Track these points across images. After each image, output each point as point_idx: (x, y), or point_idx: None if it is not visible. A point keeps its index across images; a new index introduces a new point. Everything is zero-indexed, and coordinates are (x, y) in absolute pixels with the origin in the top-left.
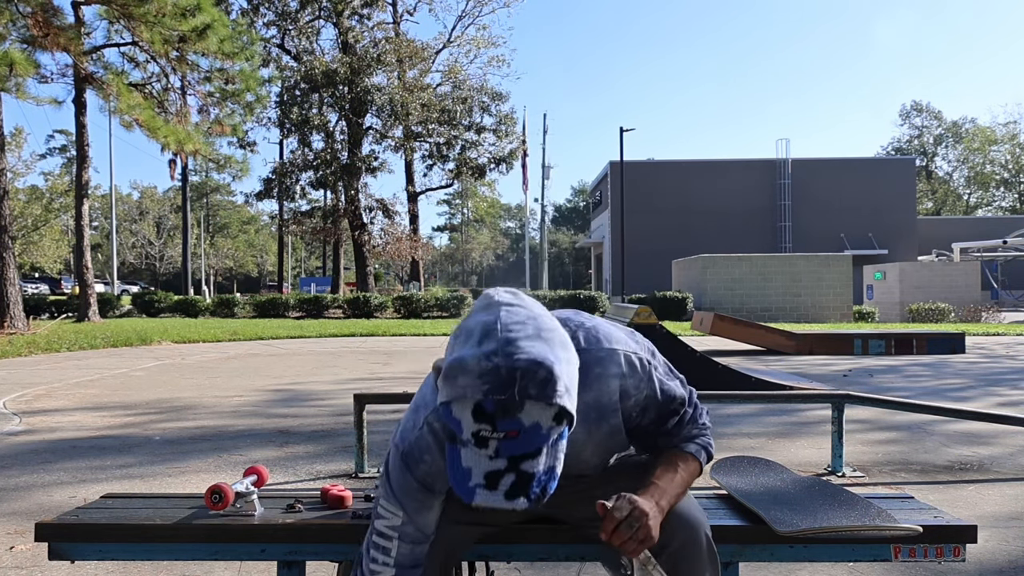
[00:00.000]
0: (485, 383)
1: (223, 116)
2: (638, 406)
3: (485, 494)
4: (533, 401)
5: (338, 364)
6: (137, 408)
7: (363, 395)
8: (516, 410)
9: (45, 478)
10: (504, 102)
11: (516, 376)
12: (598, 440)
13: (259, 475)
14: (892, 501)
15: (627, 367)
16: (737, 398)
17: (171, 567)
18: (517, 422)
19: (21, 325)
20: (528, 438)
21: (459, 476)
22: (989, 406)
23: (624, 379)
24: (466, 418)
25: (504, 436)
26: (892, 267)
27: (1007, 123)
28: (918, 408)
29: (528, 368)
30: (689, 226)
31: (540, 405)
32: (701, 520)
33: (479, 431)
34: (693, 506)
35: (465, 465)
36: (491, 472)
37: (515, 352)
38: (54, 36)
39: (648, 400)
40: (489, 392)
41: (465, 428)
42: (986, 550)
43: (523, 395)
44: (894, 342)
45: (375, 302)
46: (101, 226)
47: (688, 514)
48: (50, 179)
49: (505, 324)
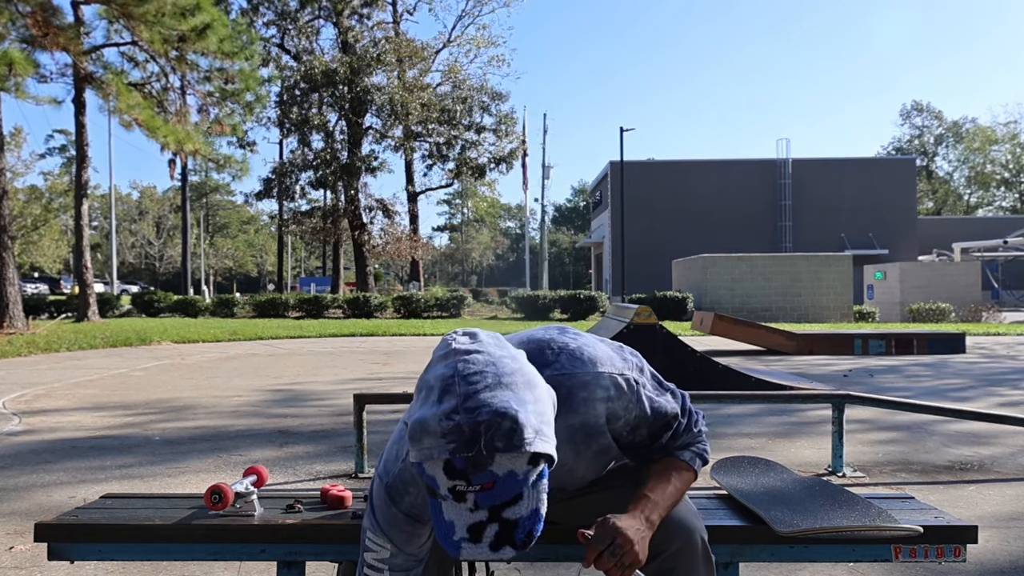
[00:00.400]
0: (450, 442)
1: (223, 116)
2: (628, 426)
3: (471, 547)
4: (502, 453)
5: (338, 364)
6: (137, 408)
7: (363, 395)
8: (487, 463)
9: (45, 478)
10: (504, 102)
11: (480, 431)
12: (588, 460)
13: (259, 475)
14: (892, 501)
15: (614, 389)
16: (737, 398)
17: (171, 567)
18: (490, 474)
19: (21, 325)
20: (505, 487)
21: (443, 530)
22: (989, 406)
23: (611, 402)
24: (439, 475)
25: (480, 488)
26: (892, 267)
27: (1007, 123)
28: (918, 408)
29: (491, 421)
30: (689, 226)
31: (510, 455)
32: (696, 525)
33: (455, 486)
34: (689, 510)
35: (447, 519)
36: (474, 524)
37: (475, 406)
38: (53, 36)
39: (638, 419)
40: (455, 451)
41: (441, 485)
42: (987, 550)
43: (490, 449)
44: (894, 342)
45: (375, 302)
46: (101, 226)
47: (683, 519)
48: (50, 179)
49: (463, 375)
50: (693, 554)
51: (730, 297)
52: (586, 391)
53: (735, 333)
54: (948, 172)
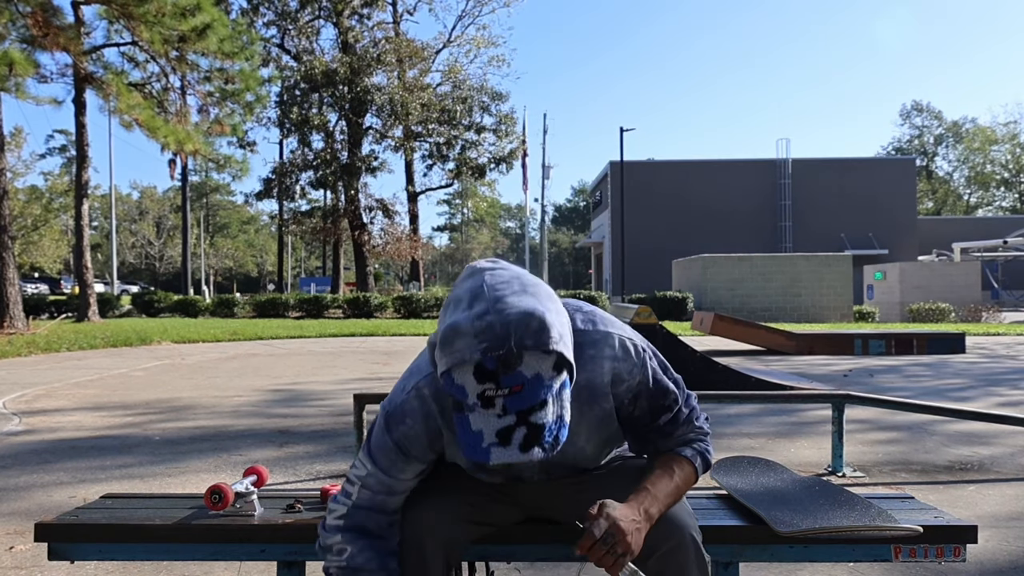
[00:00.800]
0: (482, 342)
1: (223, 116)
2: (630, 392)
3: (500, 451)
4: (530, 351)
5: (338, 364)
6: (137, 408)
7: (363, 395)
8: (516, 362)
9: (45, 478)
10: (504, 102)
11: (510, 329)
12: (591, 424)
13: (259, 475)
14: (892, 501)
15: (621, 351)
16: (737, 398)
17: (171, 567)
18: (519, 376)
19: (21, 325)
20: (532, 390)
21: (471, 441)
22: (989, 406)
23: (617, 362)
24: (469, 382)
25: (509, 392)
26: (892, 267)
27: (1007, 123)
28: (918, 408)
29: (520, 319)
30: (689, 226)
31: (538, 355)
32: (689, 524)
33: (484, 391)
34: (683, 509)
35: (475, 428)
36: (502, 429)
37: (505, 308)
38: (54, 36)
39: (640, 387)
40: (487, 350)
41: (470, 392)
42: (986, 550)
43: (520, 346)
44: (894, 342)
45: (375, 302)
46: (101, 226)
47: (676, 518)
48: (50, 179)
49: (491, 285)
50: (685, 554)
51: (730, 297)
52: (594, 349)
53: (735, 333)
54: (948, 172)
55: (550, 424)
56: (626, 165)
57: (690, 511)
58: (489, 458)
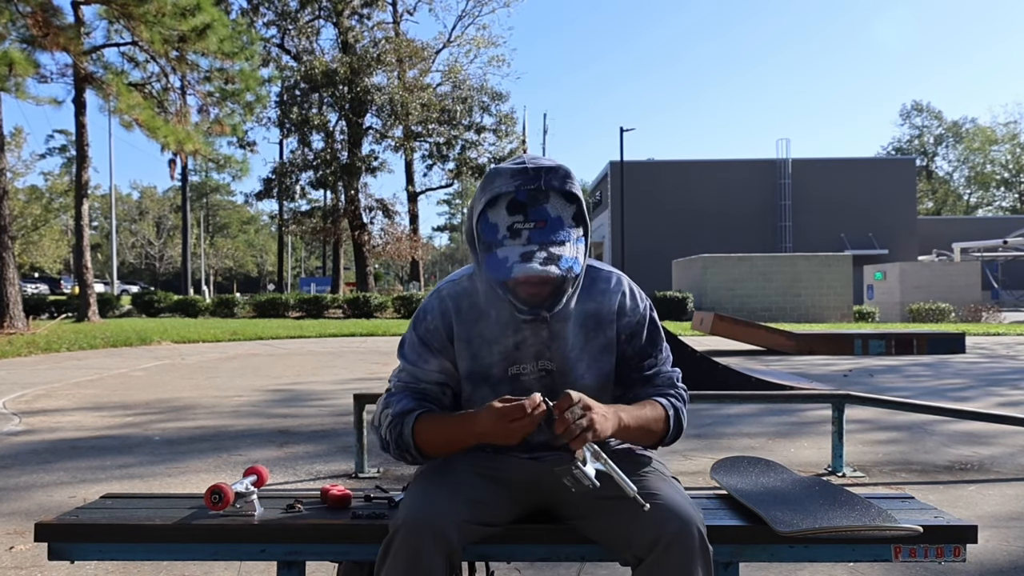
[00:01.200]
0: (516, 179)
1: (223, 116)
2: (629, 328)
3: (521, 266)
4: (556, 193)
5: (338, 364)
6: (137, 408)
7: (363, 395)
8: (543, 199)
9: (45, 478)
10: (504, 102)
11: (541, 173)
12: (592, 353)
13: (259, 475)
14: (892, 501)
15: (629, 291)
16: (737, 398)
17: (171, 567)
18: (544, 211)
19: (21, 325)
20: (554, 228)
21: (498, 265)
22: (989, 406)
23: (625, 298)
24: (501, 216)
25: (534, 226)
26: (892, 267)
27: (1007, 123)
28: (918, 408)
29: (551, 167)
30: (689, 226)
31: (562, 201)
32: (693, 515)
33: (513, 223)
34: (686, 500)
35: (502, 256)
36: (526, 252)
37: (539, 160)
38: (54, 36)
39: (638, 327)
40: (521, 185)
41: (501, 225)
42: (987, 550)
43: (548, 186)
44: (894, 342)
45: (375, 302)
46: (101, 226)
47: (679, 507)
48: (50, 179)
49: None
50: (689, 542)
51: (730, 297)
52: (606, 284)
53: (735, 333)
54: (948, 172)
55: (567, 256)
56: (626, 165)
57: (694, 504)
58: (511, 272)
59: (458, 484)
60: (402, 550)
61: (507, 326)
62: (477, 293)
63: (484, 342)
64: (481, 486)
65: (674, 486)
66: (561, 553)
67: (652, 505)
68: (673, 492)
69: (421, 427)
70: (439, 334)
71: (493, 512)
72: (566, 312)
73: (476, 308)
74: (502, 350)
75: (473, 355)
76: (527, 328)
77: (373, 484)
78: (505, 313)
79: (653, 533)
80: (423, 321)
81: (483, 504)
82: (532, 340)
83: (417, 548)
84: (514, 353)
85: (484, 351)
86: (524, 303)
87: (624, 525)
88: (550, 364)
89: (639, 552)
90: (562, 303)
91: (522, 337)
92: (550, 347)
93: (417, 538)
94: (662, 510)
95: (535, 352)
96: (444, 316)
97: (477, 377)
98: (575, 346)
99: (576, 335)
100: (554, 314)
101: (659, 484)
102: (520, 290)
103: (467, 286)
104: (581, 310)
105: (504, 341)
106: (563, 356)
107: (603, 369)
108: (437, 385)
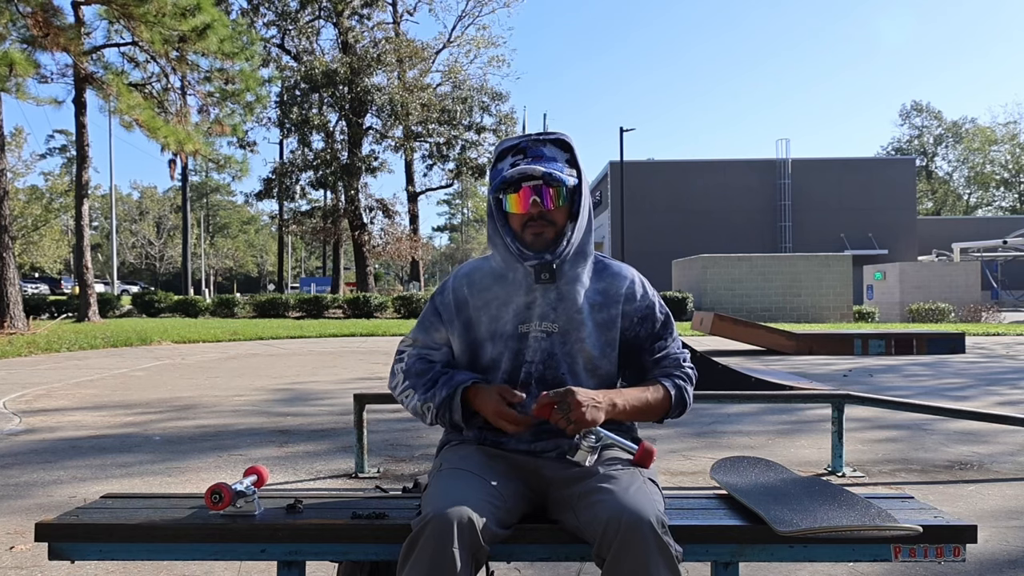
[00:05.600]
0: (520, 138)
1: (223, 116)
2: (639, 312)
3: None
4: (552, 144)
5: (338, 364)
6: (137, 408)
7: (363, 395)
8: (543, 144)
9: (45, 478)
10: (504, 102)
11: (543, 134)
12: (597, 324)
13: (259, 475)
14: (892, 501)
15: (638, 281)
16: (737, 398)
17: (171, 567)
18: (541, 151)
19: (21, 325)
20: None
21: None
22: (989, 405)
23: (634, 286)
24: (506, 160)
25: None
26: (892, 267)
27: (1007, 123)
28: (918, 408)
29: (553, 133)
30: (689, 226)
31: (557, 150)
32: (647, 509)
33: (515, 162)
34: (643, 495)
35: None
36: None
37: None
38: (54, 36)
39: (648, 311)
40: (523, 139)
41: (504, 168)
42: (986, 550)
43: (547, 135)
44: (894, 342)
45: (375, 302)
46: (101, 226)
47: (633, 503)
48: (50, 179)
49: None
50: (644, 542)
51: (730, 297)
52: (618, 270)
53: (735, 333)
54: (948, 172)
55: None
56: (626, 165)
57: (653, 499)
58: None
59: (480, 481)
60: (428, 546)
61: (520, 286)
62: (492, 267)
63: (501, 303)
64: (499, 482)
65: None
66: (561, 553)
67: (604, 501)
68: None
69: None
70: (450, 308)
71: (509, 508)
72: (574, 275)
73: (492, 274)
74: (516, 308)
75: (492, 316)
76: (538, 289)
77: (373, 484)
78: (519, 274)
79: (609, 531)
80: (440, 295)
81: (503, 499)
82: (541, 301)
83: (444, 545)
84: (525, 312)
85: (502, 311)
86: (529, 248)
87: (588, 520)
88: (553, 327)
89: (600, 551)
90: (564, 246)
91: (533, 297)
92: (556, 308)
93: (445, 534)
94: (613, 506)
95: (541, 313)
96: (457, 291)
97: (495, 335)
98: (581, 310)
99: (583, 304)
100: (562, 277)
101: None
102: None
103: (482, 263)
104: (592, 288)
105: (517, 300)
106: (568, 318)
107: (604, 338)
108: (438, 350)
